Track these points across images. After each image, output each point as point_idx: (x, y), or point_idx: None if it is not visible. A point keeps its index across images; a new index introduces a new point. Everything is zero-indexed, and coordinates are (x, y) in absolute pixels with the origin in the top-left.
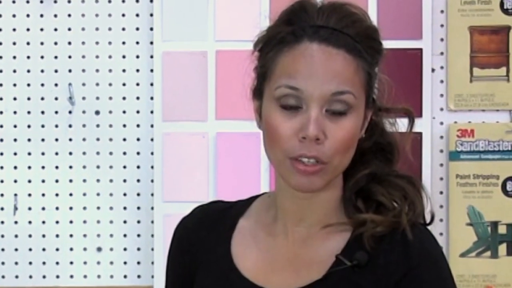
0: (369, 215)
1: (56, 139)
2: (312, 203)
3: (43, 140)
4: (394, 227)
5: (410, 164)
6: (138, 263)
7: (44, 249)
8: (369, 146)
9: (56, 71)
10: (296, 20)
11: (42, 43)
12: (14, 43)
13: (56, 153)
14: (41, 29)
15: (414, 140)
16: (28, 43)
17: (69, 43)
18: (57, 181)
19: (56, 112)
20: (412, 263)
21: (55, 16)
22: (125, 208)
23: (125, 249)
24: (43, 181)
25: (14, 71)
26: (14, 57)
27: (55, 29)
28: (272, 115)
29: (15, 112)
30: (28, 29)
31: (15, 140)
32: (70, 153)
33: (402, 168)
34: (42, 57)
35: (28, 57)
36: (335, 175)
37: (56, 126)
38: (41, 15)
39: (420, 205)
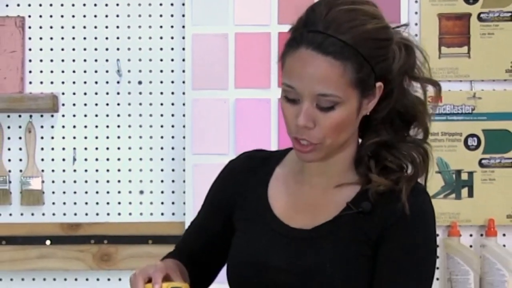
0: (375, 176)
1: (107, 104)
2: (328, 163)
3: (96, 104)
4: (394, 186)
5: None
6: (173, 203)
7: (97, 192)
8: (382, 117)
9: (107, 49)
10: (306, 23)
11: (95, 27)
12: (73, 27)
13: (107, 115)
14: (95, 16)
15: None
16: (84, 27)
17: (117, 27)
18: (107, 137)
19: (107, 82)
20: (403, 214)
21: (106, 5)
22: (162, 159)
23: (162, 192)
24: (96, 137)
25: (73, 49)
26: (73, 38)
27: (106, 16)
28: (282, 102)
29: (74, 82)
30: (84, 16)
31: (74, 104)
32: (118, 115)
33: None
34: (95, 38)
35: (85, 38)
36: (333, 149)
37: (107, 93)
38: (95, 4)
39: (423, 170)
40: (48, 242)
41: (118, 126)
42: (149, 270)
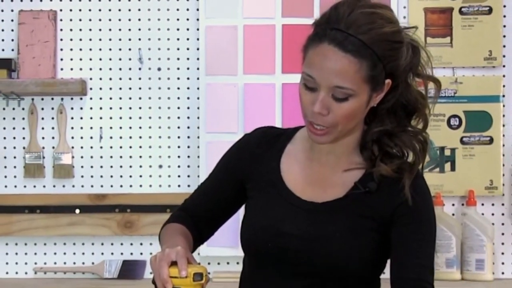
0: (379, 162)
1: (130, 88)
2: (336, 144)
3: (120, 88)
4: (395, 174)
5: None
6: (188, 176)
7: (121, 166)
8: (387, 108)
9: (129, 39)
10: (329, 20)
11: (119, 20)
12: (100, 20)
13: (130, 98)
14: (119, 10)
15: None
16: (109, 20)
17: (139, 19)
18: (130, 118)
19: (130, 69)
20: (407, 195)
21: (129, 0)
22: (178, 137)
23: (178, 166)
24: (120, 118)
25: (100, 39)
26: (100, 30)
27: (129, 10)
28: (300, 89)
29: (100, 69)
30: (109, 10)
31: (100, 88)
32: (140, 98)
33: None
34: (119, 29)
35: (110, 29)
36: (343, 134)
37: (130, 79)
38: (119, 0)
39: (423, 157)
40: (77, 211)
41: (140, 108)
42: (171, 255)
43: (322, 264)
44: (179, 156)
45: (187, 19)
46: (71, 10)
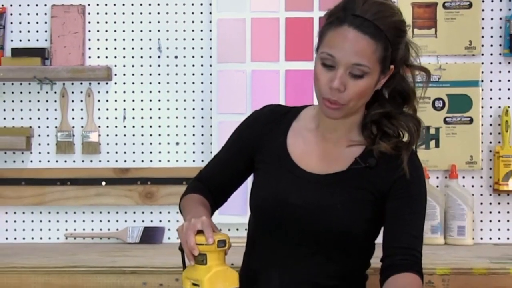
0: (377, 140)
1: (150, 74)
2: (340, 122)
3: (141, 74)
4: (393, 152)
5: None
6: (202, 152)
7: (142, 144)
8: (388, 92)
9: (150, 30)
10: (345, 8)
11: (141, 13)
12: (123, 13)
13: (150, 83)
14: (141, 4)
15: None
16: (132, 13)
17: (158, 13)
18: (150, 100)
19: (150, 57)
20: (405, 170)
21: None
22: (193, 117)
23: (193, 143)
24: (141, 100)
25: (123, 31)
26: (123, 22)
27: (149, 4)
28: (317, 68)
29: (124, 57)
30: (132, 4)
31: (124, 74)
32: (159, 83)
33: None
34: (141, 22)
35: (132, 22)
36: (352, 111)
37: (150, 65)
38: None
39: (418, 137)
40: (103, 183)
41: (159, 92)
42: (197, 224)
43: (324, 233)
44: (193, 134)
45: (201, 13)
46: (98, 4)
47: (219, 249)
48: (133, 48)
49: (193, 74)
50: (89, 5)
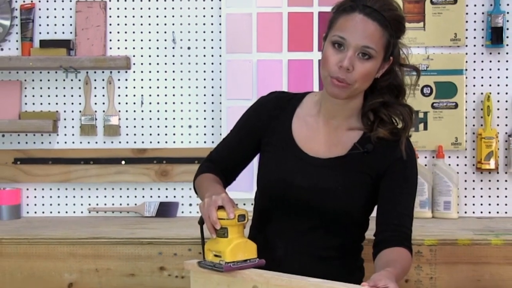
0: (375, 126)
1: (165, 63)
2: (341, 108)
3: (158, 64)
4: (390, 136)
5: None
6: (212, 134)
7: (158, 126)
8: (385, 85)
9: (165, 24)
10: (352, 0)
11: (157, 8)
12: (141, 8)
13: (165, 71)
14: (157, 0)
15: None
16: (149, 8)
17: (173, 8)
18: (165, 87)
19: (165, 48)
20: (401, 155)
21: None
22: (204, 102)
23: (204, 126)
24: (157, 87)
25: (141, 24)
26: (141, 16)
27: (165, 0)
28: (328, 50)
29: (141, 48)
30: (149, 0)
31: (141, 64)
32: (173, 71)
33: None
34: (157, 16)
35: (149, 16)
36: (355, 93)
37: (165, 56)
38: None
39: (411, 123)
40: (123, 162)
41: (173, 79)
42: (218, 201)
43: (325, 212)
44: (204, 118)
45: (211, 8)
46: (118, 0)
47: (239, 223)
48: (150, 40)
49: (204, 64)
50: (110, 1)
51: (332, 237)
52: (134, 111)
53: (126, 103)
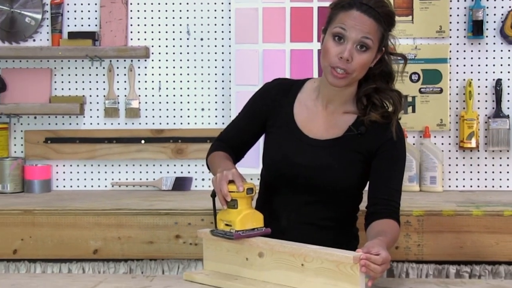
0: (368, 110)
1: (180, 53)
2: (337, 94)
3: (173, 53)
4: (381, 119)
5: None
6: (222, 116)
7: (174, 109)
8: (377, 72)
9: (180, 17)
10: None
11: (173, 4)
12: (159, 3)
13: (180, 60)
14: None
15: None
16: (166, 3)
17: (187, 3)
18: (181, 74)
19: (180, 39)
20: (391, 136)
21: None
22: (215, 88)
23: (215, 109)
24: (173, 74)
25: (159, 17)
26: (159, 11)
27: None
28: (329, 42)
29: (159, 39)
30: None
31: (159, 53)
32: (188, 60)
33: None
34: (173, 10)
35: (166, 10)
36: (353, 82)
37: (180, 46)
38: None
39: (399, 109)
40: (142, 141)
41: (188, 67)
42: (229, 175)
43: (323, 187)
44: (215, 102)
45: (222, 3)
46: None
47: (247, 195)
48: (166, 32)
49: (215, 53)
50: None
51: (330, 209)
52: (153, 95)
53: (146, 88)
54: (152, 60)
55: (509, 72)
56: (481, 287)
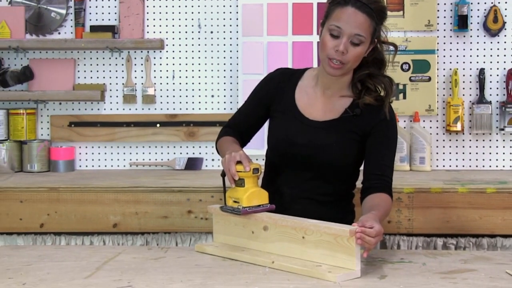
0: (362, 94)
1: (192, 44)
2: (334, 81)
3: (186, 45)
4: (375, 102)
5: None
6: (231, 102)
7: (186, 96)
8: (370, 60)
9: (192, 12)
10: None
11: (186, 0)
12: (173, 0)
13: (192, 51)
14: None
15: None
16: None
17: (199, 0)
18: (192, 64)
19: (192, 32)
20: (384, 117)
21: None
22: (224, 76)
23: (224, 96)
24: (186, 64)
25: (173, 12)
26: (173, 6)
27: None
28: (325, 37)
29: (173, 32)
30: None
31: (173, 45)
32: (199, 51)
33: None
34: (186, 6)
35: (179, 6)
36: (348, 71)
37: (192, 38)
38: None
39: (391, 93)
40: (158, 125)
41: (199, 58)
42: (236, 157)
43: (322, 165)
44: (224, 89)
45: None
46: None
47: (254, 175)
48: (180, 26)
49: (224, 45)
50: None
51: (329, 185)
52: (167, 83)
53: (160, 77)
54: (167, 51)
55: (491, 62)
56: (466, 257)
